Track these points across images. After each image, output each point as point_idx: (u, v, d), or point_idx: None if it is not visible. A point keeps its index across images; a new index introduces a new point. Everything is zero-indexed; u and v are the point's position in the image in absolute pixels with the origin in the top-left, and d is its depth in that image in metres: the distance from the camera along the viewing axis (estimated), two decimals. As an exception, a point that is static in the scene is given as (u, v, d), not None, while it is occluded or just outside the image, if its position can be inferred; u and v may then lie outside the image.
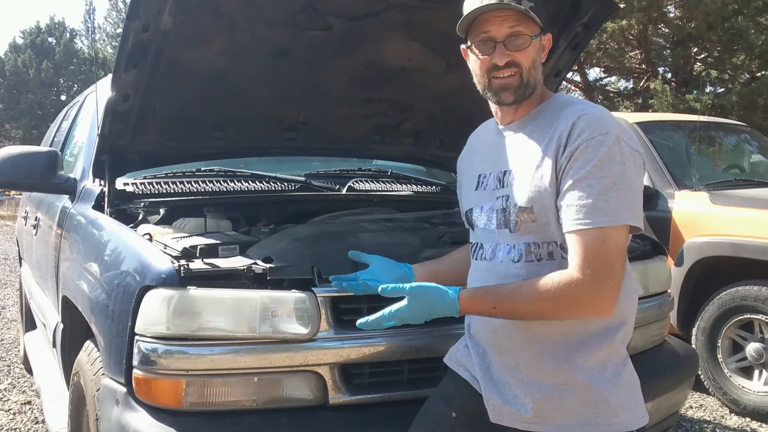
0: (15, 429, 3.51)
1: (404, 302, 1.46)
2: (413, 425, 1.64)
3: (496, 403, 1.52)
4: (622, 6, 9.66)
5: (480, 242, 1.60)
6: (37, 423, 3.58)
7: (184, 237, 2.07)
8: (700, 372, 3.75)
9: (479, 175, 1.62)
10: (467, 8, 1.49)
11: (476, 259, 1.62)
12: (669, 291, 2.49)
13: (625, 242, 1.41)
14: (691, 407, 3.86)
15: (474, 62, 1.53)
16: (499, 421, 1.52)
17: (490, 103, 1.58)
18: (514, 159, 1.52)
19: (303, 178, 3.01)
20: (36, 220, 3.60)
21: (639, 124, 4.67)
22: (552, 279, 1.38)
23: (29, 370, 4.13)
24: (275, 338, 1.70)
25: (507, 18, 1.45)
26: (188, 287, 1.67)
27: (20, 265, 4.86)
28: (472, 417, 1.57)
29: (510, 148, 1.54)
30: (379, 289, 1.51)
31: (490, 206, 1.55)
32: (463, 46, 1.56)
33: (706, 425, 3.62)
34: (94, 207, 2.45)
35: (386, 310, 1.48)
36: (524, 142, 1.51)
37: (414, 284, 1.49)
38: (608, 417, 1.45)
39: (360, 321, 1.53)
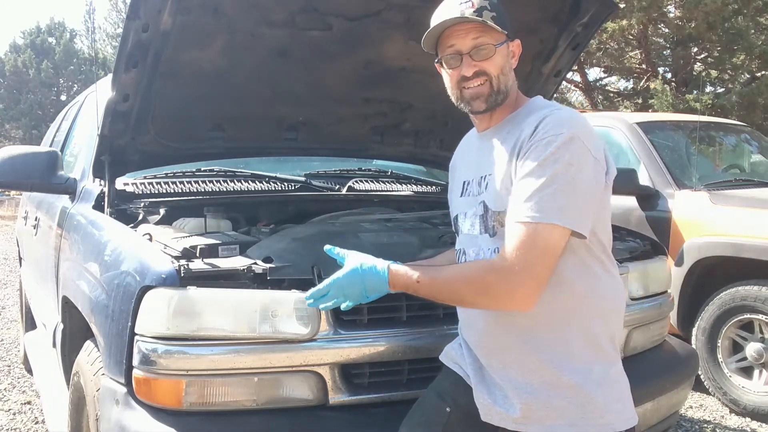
0: (15, 429, 3.51)
1: (342, 270, 1.50)
2: (407, 418, 1.65)
3: (486, 403, 1.53)
4: (622, 6, 9.67)
5: (463, 248, 1.60)
6: (37, 423, 3.57)
7: (184, 237, 2.07)
8: (700, 372, 3.75)
9: (464, 182, 1.64)
10: (431, 24, 1.52)
11: None
12: (669, 291, 2.49)
13: (558, 243, 1.36)
14: (691, 407, 3.85)
15: (445, 76, 1.57)
16: (488, 420, 1.53)
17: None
18: (489, 164, 1.53)
19: (303, 178, 3.02)
20: (36, 220, 3.60)
21: (639, 124, 4.66)
22: (474, 263, 1.47)
23: (29, 370, 4.13)
24: (275, 338, 1.70)
25: (470, 30, 1.49)
26: (188, 287, 1.67)
27: (20, 265, 4.86)
28: (465, 413, 1.58)
29: (486, 153, 1.56)
30: (325, 247, 1.58)
31: (473, 212, 1.56)
32: (435, 61, 1.59)
33: (706, 425, 3.62)
34: (94, 207, 2.45)
35: (326, 280, 1.51)
36: (496, 148, 1.53)
37: (353, 251, 1.53)
38: (595, 418, 1.45)
39: (305, 295, 1.55)
